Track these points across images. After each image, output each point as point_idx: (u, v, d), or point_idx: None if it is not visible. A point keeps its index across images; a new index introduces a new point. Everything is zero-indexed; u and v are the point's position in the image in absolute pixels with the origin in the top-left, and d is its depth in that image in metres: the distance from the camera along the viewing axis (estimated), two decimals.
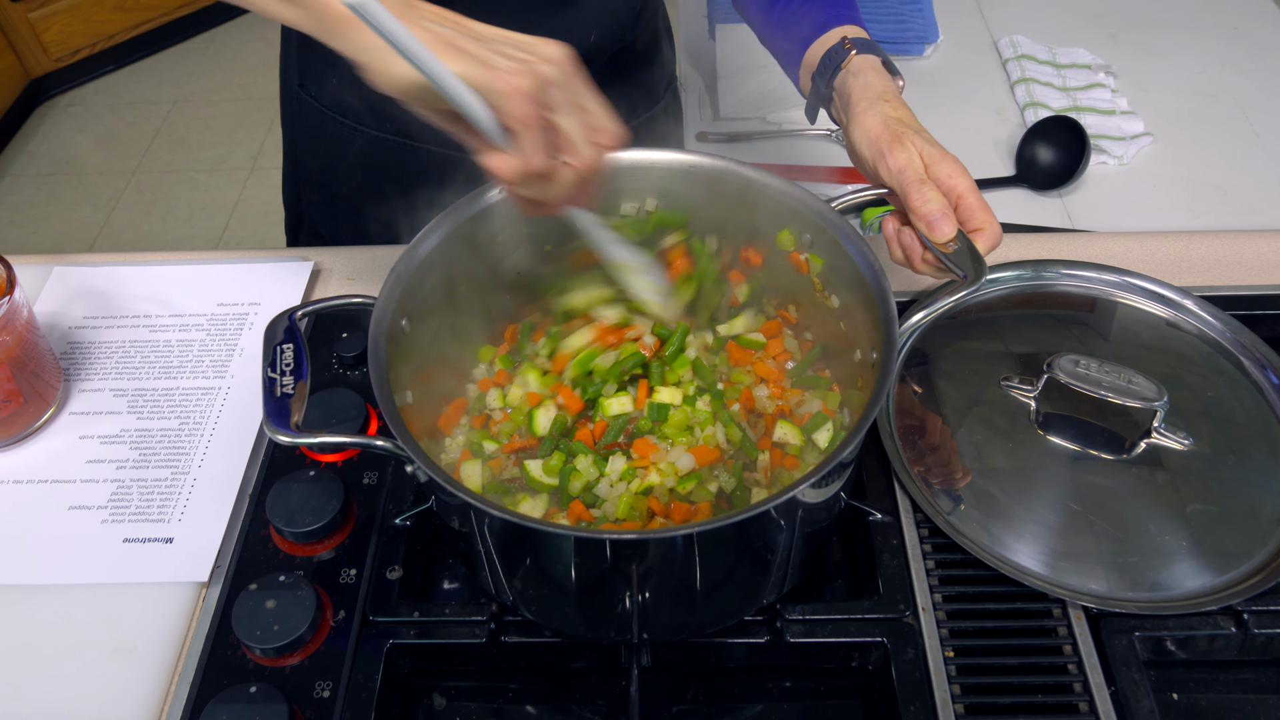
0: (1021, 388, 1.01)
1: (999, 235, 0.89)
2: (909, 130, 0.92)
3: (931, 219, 0.87)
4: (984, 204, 0.89)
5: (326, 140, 1.30)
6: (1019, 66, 1.78)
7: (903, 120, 0.93)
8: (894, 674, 0.84)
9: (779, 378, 1.00)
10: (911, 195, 0.88)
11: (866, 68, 0.99)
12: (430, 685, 0.91)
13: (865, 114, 0.94)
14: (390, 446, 0.77)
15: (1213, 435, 0.98)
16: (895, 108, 0.95)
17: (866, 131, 0.93)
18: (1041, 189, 1.59)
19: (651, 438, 0.93)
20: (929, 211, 0.87)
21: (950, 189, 0.89)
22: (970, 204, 0.89)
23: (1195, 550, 0.90)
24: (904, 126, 0.92)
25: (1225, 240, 1.23)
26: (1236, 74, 1.81)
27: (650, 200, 1.01)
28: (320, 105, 1.27)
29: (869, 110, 0.94)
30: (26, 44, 3.73)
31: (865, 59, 0.99)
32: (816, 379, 0.98)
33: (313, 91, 1.27)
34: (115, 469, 1.01)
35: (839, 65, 1.00)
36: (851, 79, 0.98)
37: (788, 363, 1.01)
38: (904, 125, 0.92)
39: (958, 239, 0.87)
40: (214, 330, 1.14)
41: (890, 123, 0.92)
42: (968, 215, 0.89)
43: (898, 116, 0.93)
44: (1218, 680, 0.89)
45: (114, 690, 0.87)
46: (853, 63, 0.99)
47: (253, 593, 0.88)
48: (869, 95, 0.95)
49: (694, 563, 0.78)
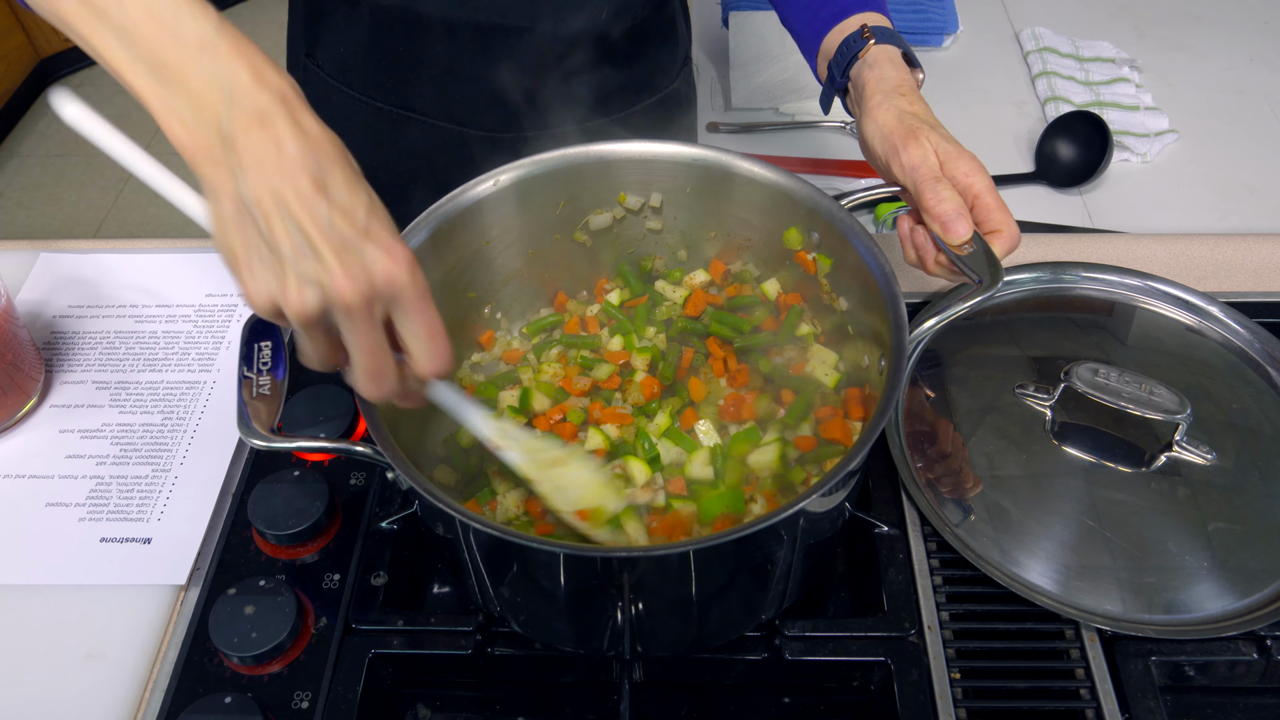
0: (1037, 396, 0.97)
1: (1017, 238, 0.85)
2: (924, 125, 0.87)
3: (946, 219, 0.83)
4: (1002, 204, 0.85)
5: (331, 111, 1.27)
6: (1040, 59, 1.73)
7: (918, 115, 0.89)
8: (897, 695, 0.81)
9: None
10: (925, 194, 0.84)
11: (884, 59, 0.94)
12: (414, 697, 0.88)
13: (879, 108, 0.90)
14: (370, 453, 0.74)
15: (1237, 449, 0.93)
16: (911, 102, 0.90)
17: (880, 126, 0.88)
18: (1062, 186, 1.54)
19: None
20: (943, 211, 0.83)
21: (966, 188, 0.85)
22: (987, 204, 0.85)
23: (1217, 571, 0.85)
24: (919, 121, 0.88)
25: (1253, 244, 1.18)
26: (1267, 70, 1.75)
27: (655, 195, 0.97)
28: (326, 75, 1.24)
29: (883, 104, 0.90)
30: (36, 23, 3.71)
31: (884, 49, 0.95)
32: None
33: (320, 61, 1.24)
34: (95, 465, 0.98)
35: (856, 55, 0.95)
36: (867, 70, 0.94)
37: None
38: (919, 120, 0.88)
39: (973, 241, 0.83)
40: (201, 322, 1.11)
41: (905, 117, 0.88)
42: (984, 216, 0.85)
43: (913, 111, 0.89)
44: (1237, 708, 0.84)
45: (85, 696, 0.84)
46: (870, 53, 0.95)
47: (231, 597, 0.85)
48: (883, 88, 0.91)
49: (689, 578, 0.74)
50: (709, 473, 0.86)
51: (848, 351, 0.92)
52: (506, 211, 0.94)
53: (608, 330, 0.98)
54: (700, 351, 0.96)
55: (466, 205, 0.90)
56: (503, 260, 0.97)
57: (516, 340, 1.02)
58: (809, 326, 0.95)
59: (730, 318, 0.96)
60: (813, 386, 0.92)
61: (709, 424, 0.90)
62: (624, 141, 0.94)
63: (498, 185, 0.91)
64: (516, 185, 0.92)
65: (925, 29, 1.80)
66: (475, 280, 0.96)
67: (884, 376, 0.79)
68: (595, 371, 0.94)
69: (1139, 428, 0.94)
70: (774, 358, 0.95)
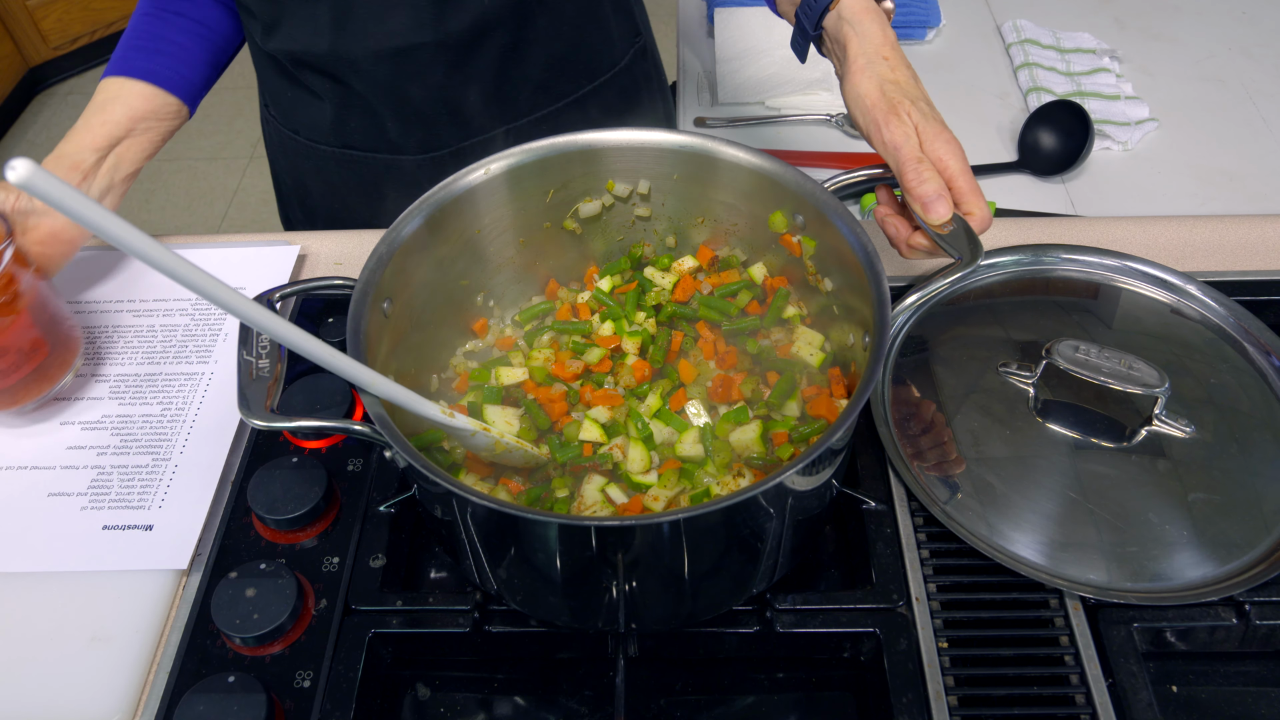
0: (1020, 374, 0.99)
1: (988, 220, 0.86)
2: (905, 99, 0.88)
3: (927, 200, 0.85)
4: (975, 187, 0.86)
5: (292, 157, 1.33)
6: (1022, 51, 1.75)
7: (900, 84, 0.89)
8: (886, 665, 0.83)
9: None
10: (908, 174, 0.85)
11: (860, 12, 0.92)
12: (414, 675, 0.89)
13: (861, 74, 0.90)
14: (369, 431, 0.75)
15: (1215, 423, 0.96)
16: (893, 68, 0.90)
17: (861, 97, 0.89)
18: (1044, 175, 1.56)
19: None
20: (925, 192, 0.85)
21: (943, 169, 0.86)
22: (960, 186, 0.86)
23: (1196, 540, 0.87)
24: (901, 94, 0.88)
25: (1230, 225, 1.20)
26: (1245, 59, 1.77)
27: (643, 182, 0.99)
28: (280, 126, 1.30)
29: (865, 70, 0.90)
30: (25, 32, 3.72)
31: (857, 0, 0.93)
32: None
33: (273, 110, 1.30)
34: (96, 455, 1.00)
35: (827, 6, 0.94)
36: (847, 27, 0.92)
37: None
38: (901, 93, 0.88)
39: (952, 220, 0.85)
40: (198, 315, 1.13)
41: (887, 88, 0.88)
42: (958, 198, 0.86)
43: (895, 80, 0.89)
44: (1218, 672, 0.87)
45: (91, 678, 0.85)
46: (843, 2, 0.93)
47: (233, 581, 0.87)
48: (866, 51, 0.91)
49: (681, 550, 0.76)
50: (699, 451, 0.88)
51: (834, 332, 0.94)
52: (497, 200, 0.95)
53: (599, 316, 1.00)
54: (690, 335, 0.98)
55: (459, 193, 0.92)
56: (495, 249, 0.99)
57: (509, 328, 1.04)
58: (795, 309, 0.97)
59: (718, 302, 0.98)
60: (799, 366, 0.94)
61: (699, 404, 0.92)
62: (611, 130, 0.96)
63: (489, 174, 0.93)
64: (507, 174, 0.94)
65: (909, 22, 1.82)
66: (468, 269, 0.98)
67: (868, 353, 0.81)
68: (587, 355, 0.95)
69: (1120, 403, 0.96)
70: (761, 340, 0.97)
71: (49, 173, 0.50)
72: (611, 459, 0.88)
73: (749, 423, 0.89)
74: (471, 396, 0.95)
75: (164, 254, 0.58)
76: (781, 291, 0.97)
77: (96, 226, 0.54)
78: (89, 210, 0.53)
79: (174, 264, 0.59)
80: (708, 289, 1.01)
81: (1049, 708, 0.81)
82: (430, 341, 0.96)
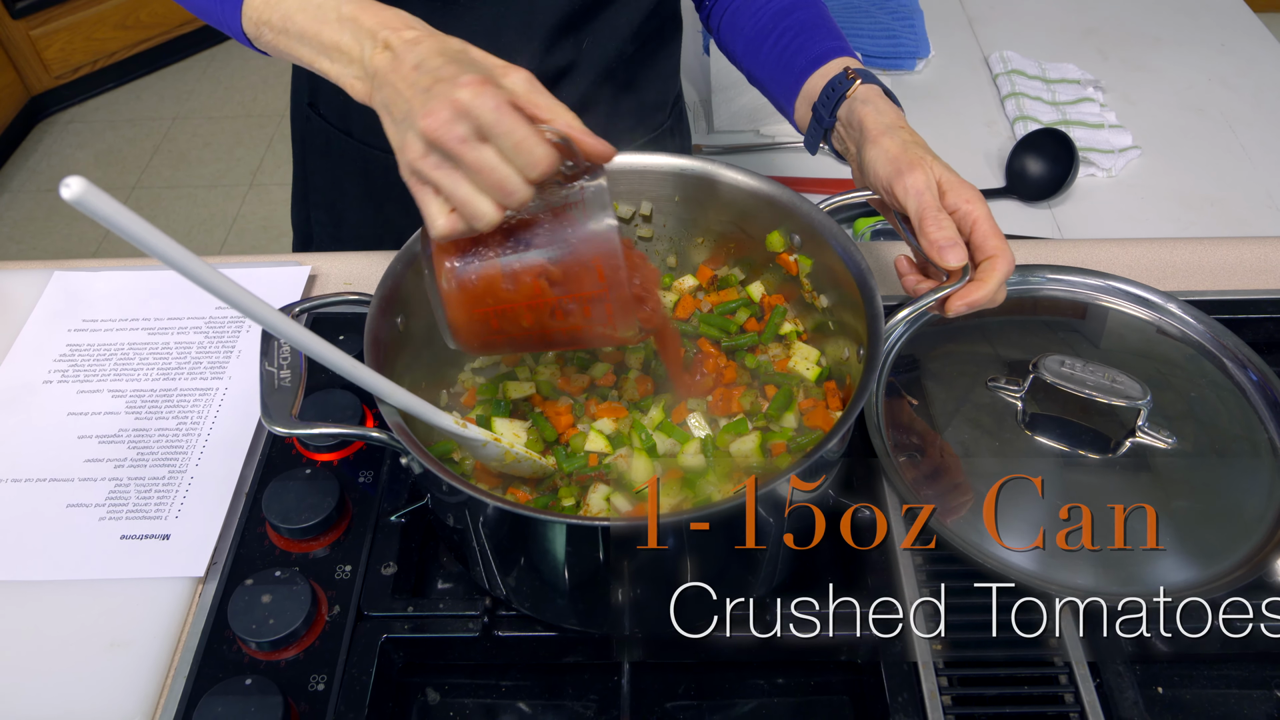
0: (1008, 388, 1.03)
1: (1012, 261, 0.90)
2: (927, 156, 0.94)
3: (943, 246, 0.89)
4: (998, 230, 0.91)
5: (333, 158, 1.33)
6: (1009, 81, 1.81)
7: (920, 145, 0.95)
8: (883, 668, 0.85)
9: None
10: (927, 220, 0.90)
11: (874, 96, 1.00)
12: (424, 680, 0.92)
13: (883, 136, 0.95)
14: (385, 438, 0.79)
15: (1196, 435, 0.99)
16: (911, 134, 0.97)
17: (885, 151, 0.94)
18: (1031, 201, 1.61)
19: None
20: (941, 239, 0.89)
21: (966, 214, 0.91)
22: (985, 230, 0.91)
23: (1179, 546, 0.91)
24: (923, 151, 0.94)
25: (1209, 247, 1.25)
26: (1224, 89, 1.83)
27: (645, 204, 1.03)
28: (328, 123, 1.29)
29: (886, 133, 0.95)
30: (27, 61, 3.76)
31: (869, 88, 1.01)
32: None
33: (321, 109, 1.30)
34: (113, 468, 1.03)
35: (844, 95, 1.01)
36: (861, 106, 0.99)
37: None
38: (922, 150, 0.94)
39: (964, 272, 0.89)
40: (212, 333, 1.16)
41: (909, 146, 0.94)
42: (982, 241, 0.90)
43: (915, 142, 0.95)
44: (1201, 675, 0.90)
45: (111, 683, 0.88)
46: (859, 91, 1.00)
47: (249, 587, 0.89)
48: (884, 122, 0.97)
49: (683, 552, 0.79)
50: (700, 461, 0.92)
51: (829, 347, 0.98)
52: None
53: None
54: (690, 351, 1.02)
55: None
56: None
57: None
58: (792, 325, 1.01)
59: (718, 319, 1.02)
60: (796, 380, 0.97)
61: (699, 417, 0.95)
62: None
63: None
64: None
65: (898, 54, 1.88)
66: None
67: (863, 364, 0.84)
68: (592, 370, 0.99)
69: (1104, 416, 1.00)
70: (760, 355, 1.00)
71: (101, 190, 0.54)
72: (616, 469, 0.91)
73: (748, 434, 0.93)
74: (480, 410, 0.98)
75: (208, 271, 0.63)
76: (779, 309, 1.00)
77: (146, 244, 0.58)
78: (138, 228, 0.57)
79: (216, 280, 0.64)
80: (708, 307, 1.04)
81: (1039, 707, 0.84)
82: (440, 357, 0.99)
